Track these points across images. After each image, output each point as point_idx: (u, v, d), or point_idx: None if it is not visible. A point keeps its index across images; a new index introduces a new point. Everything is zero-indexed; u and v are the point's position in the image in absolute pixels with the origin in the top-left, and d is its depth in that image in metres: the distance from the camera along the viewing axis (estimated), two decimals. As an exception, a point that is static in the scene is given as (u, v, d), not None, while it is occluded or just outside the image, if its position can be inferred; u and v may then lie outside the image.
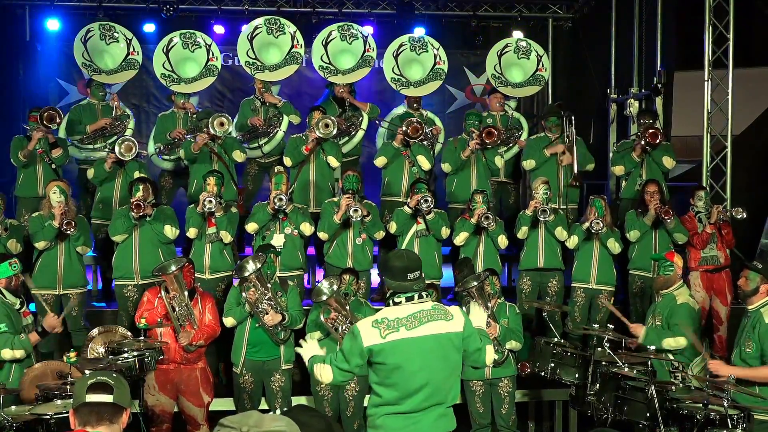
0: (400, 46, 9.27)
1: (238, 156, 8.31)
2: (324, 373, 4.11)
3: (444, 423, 4.07)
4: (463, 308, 4.51)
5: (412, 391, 3.96)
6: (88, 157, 8.66)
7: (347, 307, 6.54)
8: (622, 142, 9.09)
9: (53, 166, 8.08)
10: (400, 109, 9.25)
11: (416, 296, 4.04)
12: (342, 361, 4.04)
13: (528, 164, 8.65)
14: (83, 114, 8.80)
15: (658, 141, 8.32)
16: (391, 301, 4.08)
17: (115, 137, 8.58)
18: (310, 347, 4.33)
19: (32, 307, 7.30)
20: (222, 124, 8.01)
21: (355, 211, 7.37)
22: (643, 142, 8.34)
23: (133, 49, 9.07)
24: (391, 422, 4.01)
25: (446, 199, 8.73)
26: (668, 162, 8.51)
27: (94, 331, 6.74)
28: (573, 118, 8.64)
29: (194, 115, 8.66)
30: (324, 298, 6.37)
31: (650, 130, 8.31)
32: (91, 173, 8.06)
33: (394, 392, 3.98)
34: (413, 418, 3.98)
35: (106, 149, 8.42)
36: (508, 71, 9.47)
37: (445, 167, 8.56)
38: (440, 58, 9.23)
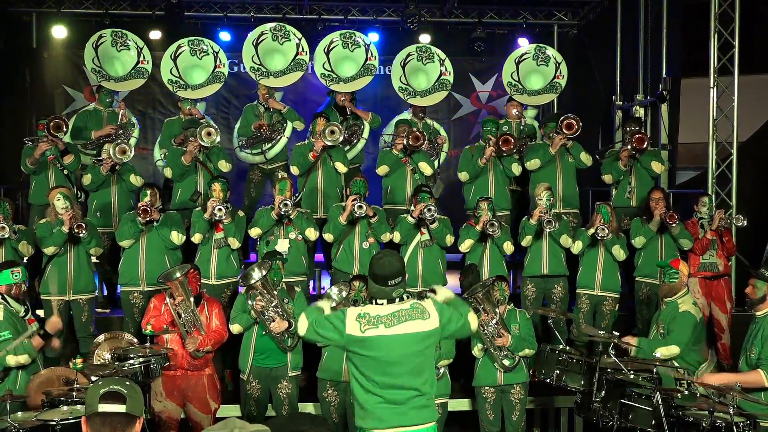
0: (408, 55, 9.27)
1: (224, 166, 8.29)
2: (300, 326, 4.36)
3: (427, 414, 4.26)
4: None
5: (388, 384, 4.19)
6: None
7: None
8: (609, 150, 9.05)
9: (65, 172, 8.10)
10: (405, 115, 9.23)
11: (397, 299, 4.29)
12: (322, 328, 4.30)
13: (532, 164, 8.52)
14: (89, 120, 8.85)
15: (644, 146, 8.32)
16: (374, 301, 4.35)
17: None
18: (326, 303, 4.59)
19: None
20: (209, 134, 8.02)
21: (360, 207, 7.38)
22: (629, 147, 8.34)
23: (144, 57, 9.09)
24: (380, 412, 4.20)
25: (464, 207, 8.63)
26: (657, 167, 8.50)
27: (101, 338, 6.76)
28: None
29: (202, 120, 8.67)
30: (333, 305, 6.36)
31: (636, 136, 8.31)
32: (87, 179, 8.04)
33: (373, 383, 4.20)
34: (397, 409, 4.19)
35: (95, 157, 8.41)
36: (527, 79, 9.37)
37: (462, 176, 8.51)
38: (446, 69, 9.23)
